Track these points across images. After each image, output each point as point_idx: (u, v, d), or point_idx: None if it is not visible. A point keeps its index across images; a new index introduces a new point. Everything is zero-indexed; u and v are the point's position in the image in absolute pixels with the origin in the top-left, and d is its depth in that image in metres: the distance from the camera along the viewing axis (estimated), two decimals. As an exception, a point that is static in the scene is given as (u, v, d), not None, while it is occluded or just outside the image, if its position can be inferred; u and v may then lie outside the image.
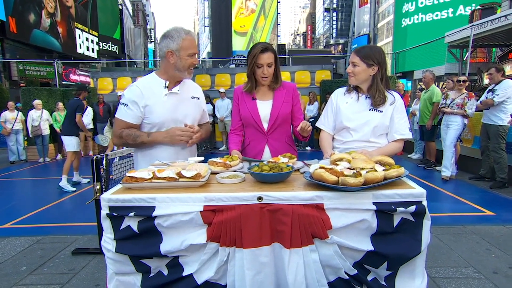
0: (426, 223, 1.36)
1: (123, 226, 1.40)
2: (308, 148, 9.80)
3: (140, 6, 40.52)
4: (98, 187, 3.17)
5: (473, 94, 5.40)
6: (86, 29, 21.37)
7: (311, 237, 1.34)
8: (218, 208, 1.36)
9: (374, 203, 1.34)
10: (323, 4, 62.79)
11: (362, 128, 2.04)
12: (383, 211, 1.33)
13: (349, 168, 1.47)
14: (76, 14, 20.40)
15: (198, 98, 2.18)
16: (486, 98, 5.03)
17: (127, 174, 1.49)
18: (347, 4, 52.22)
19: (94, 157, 3.09)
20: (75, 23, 20.19)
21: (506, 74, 10.30)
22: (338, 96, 2.20)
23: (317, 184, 1.40)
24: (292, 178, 1.57)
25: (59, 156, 9.49)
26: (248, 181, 1.58)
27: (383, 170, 1.45)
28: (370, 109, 2.04)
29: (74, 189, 5.68)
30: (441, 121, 5.82)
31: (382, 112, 2.02)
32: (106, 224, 1.41)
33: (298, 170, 1.75)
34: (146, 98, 1.94)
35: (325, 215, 1.33)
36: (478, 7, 13.36)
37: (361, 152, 1.84)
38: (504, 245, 3.13)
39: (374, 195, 1.34)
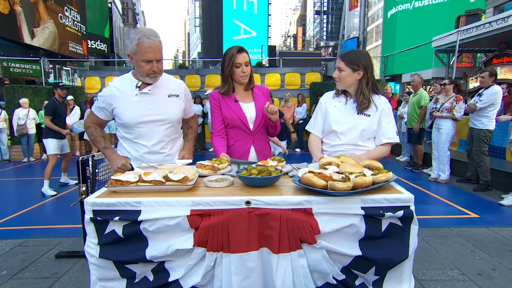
0: (414, 228, 1.36)
1: (108, 230, 1.37)
2: (297, 149, 9.83)
3: (130, 5, 40.08)
4: (84, 189, 3.10)
5: (461, 97, 5.49)
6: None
7: (299, 242, 1.33)
8: (205, 212, 1.34)
9: (362, 208, 1.33)
10: (314, 7, 63.28)
11: (350, 132, 2.05)
12: (371, 215, 1.33)
13: (338, 172, 1.46)
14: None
15: (178, 96, 2.13)
16: (474, 101, 5.13)
17: (113, 177, 1.46)
18: (338, 7, 52.78)
19: (80, 158, 3.02)
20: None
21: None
22: (327, 99, 2.21)
23: (306, 188, 1.39)
24: (281, 182, 1.56)
25: (44, 156, 9.27)
26: (236, 184, 1.56)
27: (372, 174, 1.45)
28: (358, 113, 2.05)
29: (54, 193, 5.50)
30: (432, 124, 5.91)
31: (369, 116, 2.04)
32: (90, 228, 1.37)
33: (287, 173, 1.74)
34: (117, 100, 1.97)
35: (314, 220, 1.33)
36: (464, 13, 13.68)
37: (350, 156, 1.85)
38: (487, 247, 3.19)
39: (363, 199, 1.34)
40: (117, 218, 1.33)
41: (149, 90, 1.99)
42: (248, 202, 1.34)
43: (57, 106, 5.59)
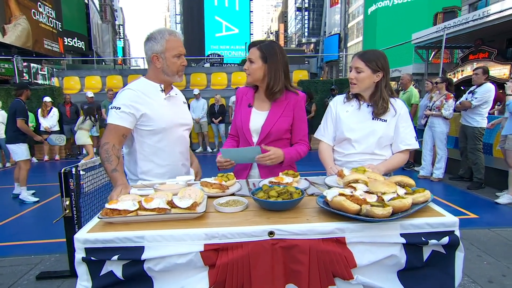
0: (459, 256, 1.21)
1: (104, 271, 1.14)
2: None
3: (107, 1, 38.76)
4: (68, 203, 2.83)
5: (451, 95, 5.47)
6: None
7: (332, 277, 1.15)
8: (222, 246, 1.13)
9: (402, 235, 1.16)
10: (295, 3, 63.25)
11: (366, 140, 1.90)
12: (413, 244, 1.16)
13: (367, 192, 1.29)
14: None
15: (185, 103, 2.11)
16: (466, 99, 5.10)
17: (107, 206, 1.23)
18: (319, 3, 52.90)
19: (63, 170, 2.76)
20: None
21: (466, 75, 10.76)
22: (338, 104, 2.05)
23: (333, 213, 1.21)
24: (302, 204, 1.37)
25: (8, 164, 8.55)
26: (251, 207, 1.36)
27: (405, 193, 1.29)
28: (373, 119, 1.89)
29: (37, 199, 5.15)
30: (426, 123, 5.89)
31: (386, 121, 1.89)
32: (82, 270, 1.14)
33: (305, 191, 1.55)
34: (146, 103, 1.77)
35: (348, 251, 1.15)
36: (441, 10, 13.94)
37: (368, 167, 1.69)
38: (493, 251, 3.12)
39: (402, 225, 1.17)
40: (115, 257, 1.11)
41: (176, 94, 1.96)
42: (271, 233, 1.15)
43: (26, 108, 5.17)
